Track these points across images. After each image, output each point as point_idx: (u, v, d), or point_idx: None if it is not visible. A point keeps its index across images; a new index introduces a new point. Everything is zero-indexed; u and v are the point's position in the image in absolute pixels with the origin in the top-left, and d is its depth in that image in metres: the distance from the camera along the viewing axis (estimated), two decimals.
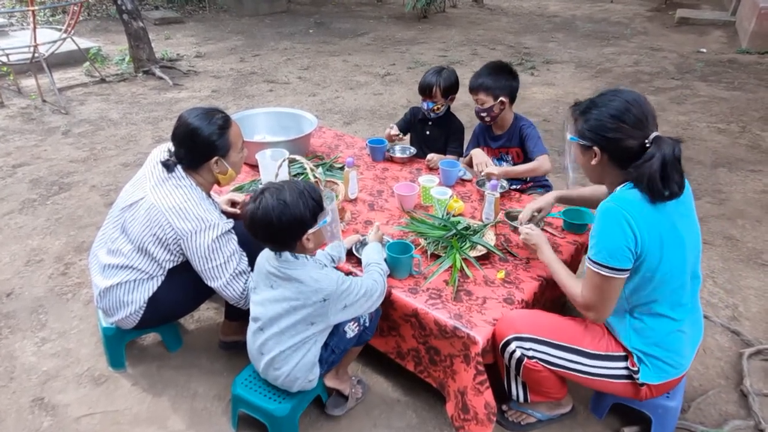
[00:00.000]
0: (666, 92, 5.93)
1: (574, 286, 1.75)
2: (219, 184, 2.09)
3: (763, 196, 3.77)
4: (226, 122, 1.98)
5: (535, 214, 2.19)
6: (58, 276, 2.92)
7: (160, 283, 2.05)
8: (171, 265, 2.03)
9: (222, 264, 1.94)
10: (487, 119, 2.69)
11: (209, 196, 2.08)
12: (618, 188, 1.63)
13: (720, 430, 2.02)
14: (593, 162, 1.66)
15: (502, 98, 2.60)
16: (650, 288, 1.62)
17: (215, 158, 1.97)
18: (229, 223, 1.97)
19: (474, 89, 2.63)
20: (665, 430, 1.94)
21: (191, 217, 1.90)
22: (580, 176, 1.88)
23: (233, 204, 2.41)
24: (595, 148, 1.63)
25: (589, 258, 1.63)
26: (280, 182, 1.75)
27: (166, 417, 2.11)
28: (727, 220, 3.49)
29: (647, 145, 1.54)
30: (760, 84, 6.14)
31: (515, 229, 2.11)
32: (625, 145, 1.57)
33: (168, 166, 1.96)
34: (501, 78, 2.59)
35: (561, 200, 2.24)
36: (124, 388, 2.24)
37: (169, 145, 2.02)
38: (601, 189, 2.06)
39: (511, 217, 2.24)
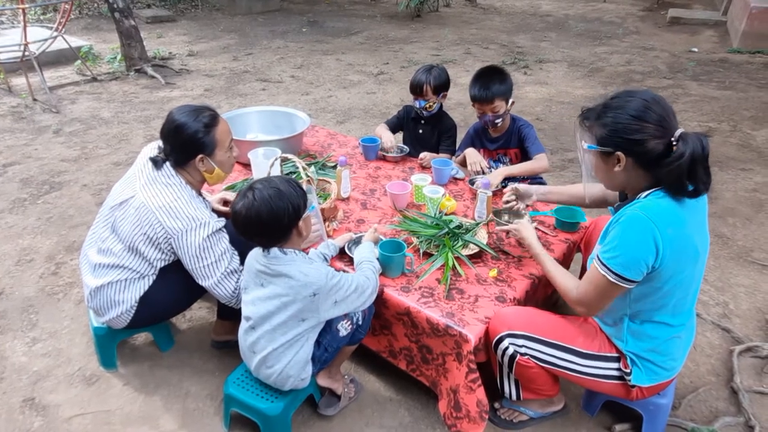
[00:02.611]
0: (658, 91, 5.87)
1: (566, 280, 1.74)
2: (205, 182, 2.08)
3: (754, 195, 3.80)
4: (212, 120, 1.96)
5: (515, 202, 2.24)
6: (48, 275, 2.90)
7: (151, 282, 2.04)
8: (162, 264, 2.02)
9: (213, 263, 1.93)
10: (499, 124, 2.69)
11: (200, 194, 2.07)
12: (644, 195, 1.55)
13: (710, 426, 2.03)
14: (617, 168, 1.56)
15: (511, 100, 2.62)
16: (657, 297, 1.60)
17: (200, 156, 1.96)
18: (221, 222, 1.97)
19: (489, 99, 2.56)
20: (656, 427, 1.95)
21: (181, 215, 1.89)
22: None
23: (225, 203, 2.40)
24: (619, 153, 1.53)
25: (600, 259, 1.57)
26: (263, 177, 1.76)
27: (158, 417, 2.10)
28: (718, 218, 3.51)
29: (674, 143, 1.47)
30: (751, 83, 6.18)
31: (503, 226, 2.11)
32: (651, 146, 1.48)
33: (156, 162, 1.95)
34: (506, 80, 2.59)
35: (542, 198, 2.28)
36: (116, 387, 2.23)
37: (160, 143, 2.01)
38: (578, 188, 2.06)
39: (498, 214, 2.22)
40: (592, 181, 1.73)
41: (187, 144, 1.92)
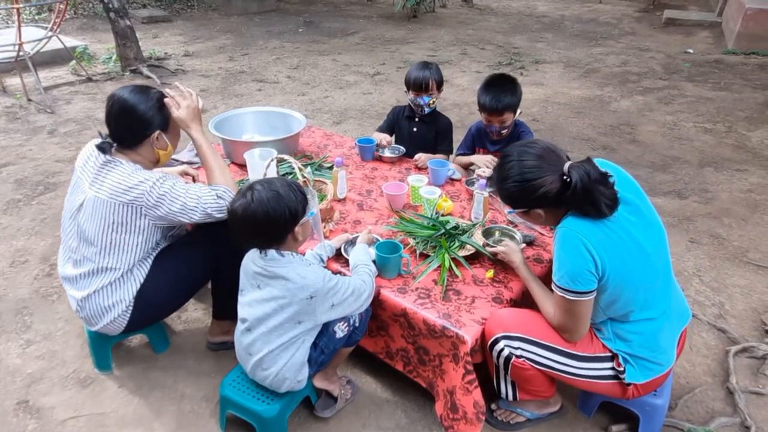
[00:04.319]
0: (653, 92, 5.98)
1: (548, 307, 1.78)
2: (158, 161, 2.05)
3: (749, 195, 3.81)
4: (162, 95, 1.98)
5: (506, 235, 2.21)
6: (43, 277, 2.89)
7: (143, 277, 2.00)
8: (144, 251, 1.99)
9: (185, 195, 1.92)
10: (505, 133, 2.70)
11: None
12: (570, 212, 1.64)
13: (707, 427, 2.03)
14: (539, 218, 1.69)
15: (519, 110, 2.63)
16: (623, 300, 1.64)
17: (157, 133, 1.95)
18: (174, 176, 1.99)
19: (499, 111, 2.56)
20: (653, 428, 1.95)
21: (134, 183, 1.86)
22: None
23: (186, 175, 2.43)
24: (534, 210, 1.66)
25: (554, 283, 1.65)
26: (266, 178, 1.75)
27: (152, 419, 2.09)
28: (714, 219, 3.52)
29: (566, 179, 1.56)
30: (746, 84, 6.21)
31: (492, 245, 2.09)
32: (553, 191, 1.58)
33: (104, 148, 1.91)
34: (517, 92, 2.58)
35: None
36: (111, 390, 2.21)
37: (95, 142, 1.97)
38: None
39: (489, 233, 2.21)
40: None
41: (143, 122, 1.92)
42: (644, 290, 1.65)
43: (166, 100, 2.00)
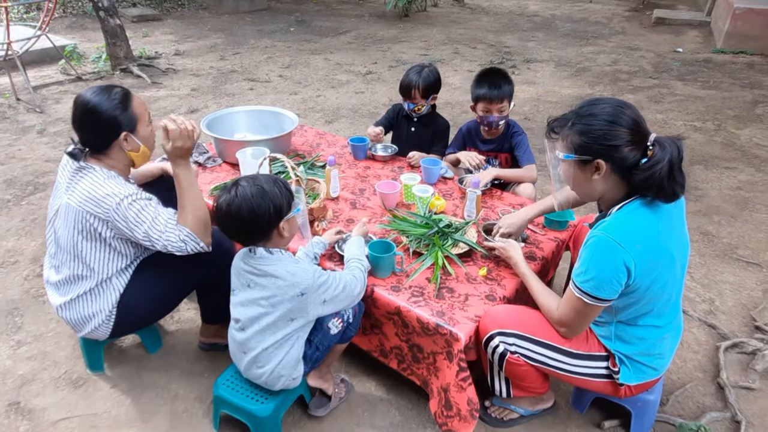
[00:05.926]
0: (644, 91, 6.02)
1: (549, 301, 1.77)
2: (134, 165, 1.98)
3: (738, 193, 3.85)
4: (126, 95, 1.88)
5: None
6: (34, 278, 2.86)
7: (122, 287, 1.97)
8: (119, 261, 1.94)
9: (150, 222, 1.83)
10: (501, 126, 2.70)
11: (127, 181, 1.96)
12: (617, 208, 1.57)
13: (698, 422, 2.05)
14: (595, 177, 1.55)
15: (513, 102, 2.65)
16: (639, 305, 1.62)
17: (124, 134, 1.86)
18: (144, 194, 1.88)
19: (500, 98, 2.56)
20: (645, 423, 1.96)
21: (102, 195, 1.80)
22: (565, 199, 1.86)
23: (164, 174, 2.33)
24: (598, 160, 1.52)
25: (574, 282, 1.61)
26: (251, 174, 1.74)
27: (146, 420, 2.08)
28: (704, 216, 3.55)
29: (649, 147, 1.48)
30: (735, 83, 6.26)
31: (491, 241, 2.09)
32: (628, 151, 1.48)
33: (75, 154, 1.85)
34: (511, 81, 2.61)
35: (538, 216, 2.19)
36: (103, 390, 2.20)
37: (68, 148, 1.89)
38: (571, 194, 1.89)
39: (487, 230, 2.21)
40: (561, 187, 1.73)
41: (107, 124, 1.83)
42: (662, 298, 1.63)
43: (161, 126, 1.86)
